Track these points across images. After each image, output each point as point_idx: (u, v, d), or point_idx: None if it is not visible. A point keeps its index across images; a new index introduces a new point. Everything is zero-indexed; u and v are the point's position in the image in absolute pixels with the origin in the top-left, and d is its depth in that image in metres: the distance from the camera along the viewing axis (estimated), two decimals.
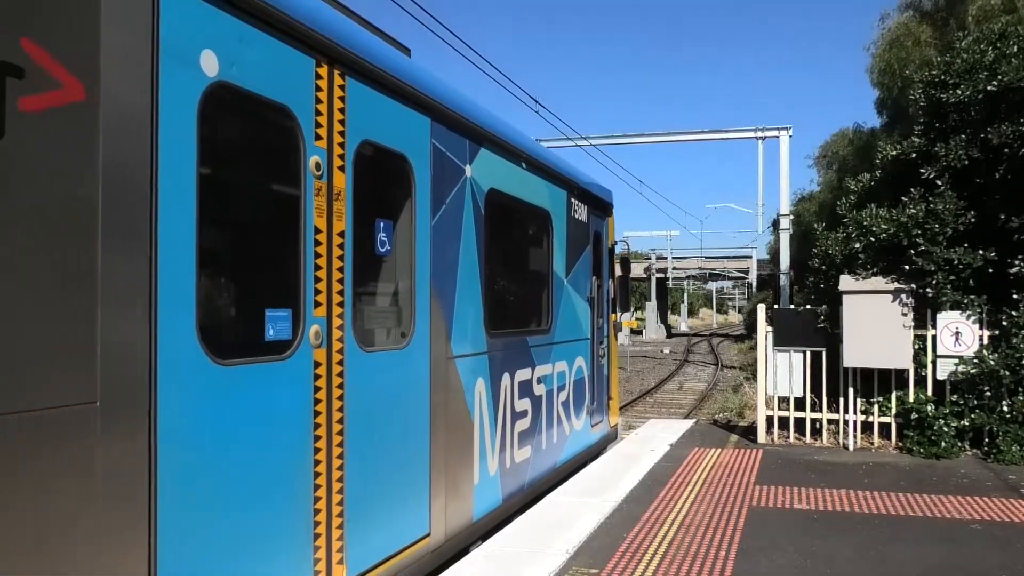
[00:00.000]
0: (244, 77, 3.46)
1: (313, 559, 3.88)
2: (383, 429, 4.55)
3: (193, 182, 3.16)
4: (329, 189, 4.01)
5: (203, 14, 3.22)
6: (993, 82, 9.16)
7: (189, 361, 3.13)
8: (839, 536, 5.93)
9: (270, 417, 3.60)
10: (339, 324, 4.09)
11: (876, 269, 9.36)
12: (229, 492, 3.35)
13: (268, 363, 3.61)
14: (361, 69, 4.31)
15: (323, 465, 3.97)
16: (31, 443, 2.47)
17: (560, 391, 7.81)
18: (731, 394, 18.12)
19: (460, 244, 5.54)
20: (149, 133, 2.96)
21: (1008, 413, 8.63)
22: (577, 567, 5.21)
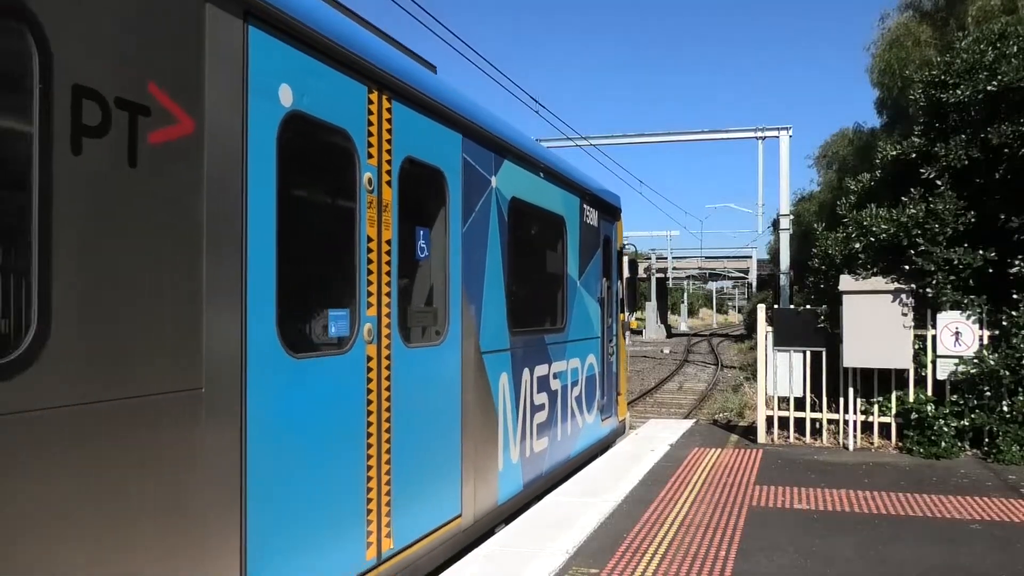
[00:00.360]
0: (312, 105, 3.95)
1: (366, 531, 4.37)
2: (423, 417, 5.02)
3: (273, 199, 3.64)
4: (379, 202, 4.51)
5: (281, 53, 3.71)
6: (993, 82, 9.16)
7: (270, 354, 3.61)
8: (839, 536, 5.93)
9: (332, 404, 4.07)
10: (387, 323, 4.59)
11: (876, 269, 9.36)
12: (301, 467, 3.82)
13: (331, 356, 4.09)
14: (404, 93, 4.82)
15: (374, 448, 4.46)
16: (157, 420, 2.99)
17: (573, 386, 8.28)
18: (731, 394, 18.13)
19: (487, 249, 6.03)
20: (240, 159, 3.44)
21: (1008, 413, 8.63)
22: (577, 567, 5.21)
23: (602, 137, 30.14)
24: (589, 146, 25.74)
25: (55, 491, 2.60)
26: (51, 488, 2.58)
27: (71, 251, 2.66)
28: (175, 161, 3.08)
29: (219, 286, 3.28)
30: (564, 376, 7.92)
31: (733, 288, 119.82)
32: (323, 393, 4.00)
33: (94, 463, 2.74)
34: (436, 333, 5.33)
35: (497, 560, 5.33)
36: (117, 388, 2.83)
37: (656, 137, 31.41)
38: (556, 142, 24.71)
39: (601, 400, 9.47)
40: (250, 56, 3.50)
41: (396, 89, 4.71)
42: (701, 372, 30.91)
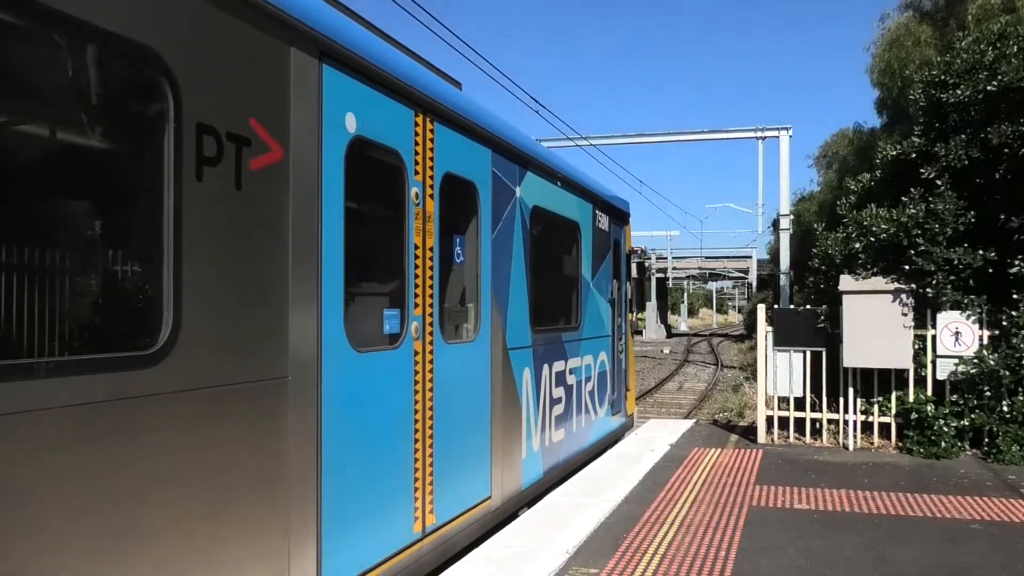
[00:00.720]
0: (371, 130, 4.48)
1: (414, 507, 4.91)
2: (459, 407, 5.57)
3: (341, 214, 4.15)
4: (423, 213, 5.05)
5: (347, 86, 4.24)
6: (993, 82, 9.16)
7: (339, 349, 4.14)
8: (839, 536, 5.93)
9: (386, 392, 4.61)
10: (430, 321, 5.11)
11: (876, 269, 9.36)
12: (362, 446, 4.36)
13: (385, 351, 4.64)
14: (444, 114, 5.34)
15: (420, 433, 4.98)
16: (258, 400, 3.55)
17: (587, 381, 8.79)
18: (731, 394, 18.13)
19: (512, 254, 6.56)
20: (316, 180, 3.95)
21: (1008, 413, 8.63)
22: (577, 567, 5.21)
23: (602, 137, 30.14)
24: (589, 146, 25.75)
25: (193, 453, 3.19)
26: (190, 451, 3.17)
27: (196, 263, 3.18)
28: (269, 184, 3.63)
29: (301, 290, 3.83)
30: (579, 372, 8.46)
31: (733, 288, 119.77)
32: (379, 383, 4.55)
33: (214, 434, 3.29)
34: (469, 331, 5.88)
35: (497, 560, 5.33)
36: (227, 374, 3.36)
37: (656, 137, 31.41)
38: (556, 142, 24.70)
39: (612, 395, 9.93)
40: (324, 90, 4.04)
41: (437, 111, 5.25)
42: (701, 372, 30.91)
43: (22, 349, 2.60)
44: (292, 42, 3.79)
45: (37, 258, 2.75)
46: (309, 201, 3.89)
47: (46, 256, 2.79)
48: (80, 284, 2.97)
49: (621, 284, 10.50)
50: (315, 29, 3.95)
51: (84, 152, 3.05)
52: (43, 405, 2.56)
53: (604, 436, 9.56)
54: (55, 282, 2.80)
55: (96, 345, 2.90)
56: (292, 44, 3.79)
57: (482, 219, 5.95)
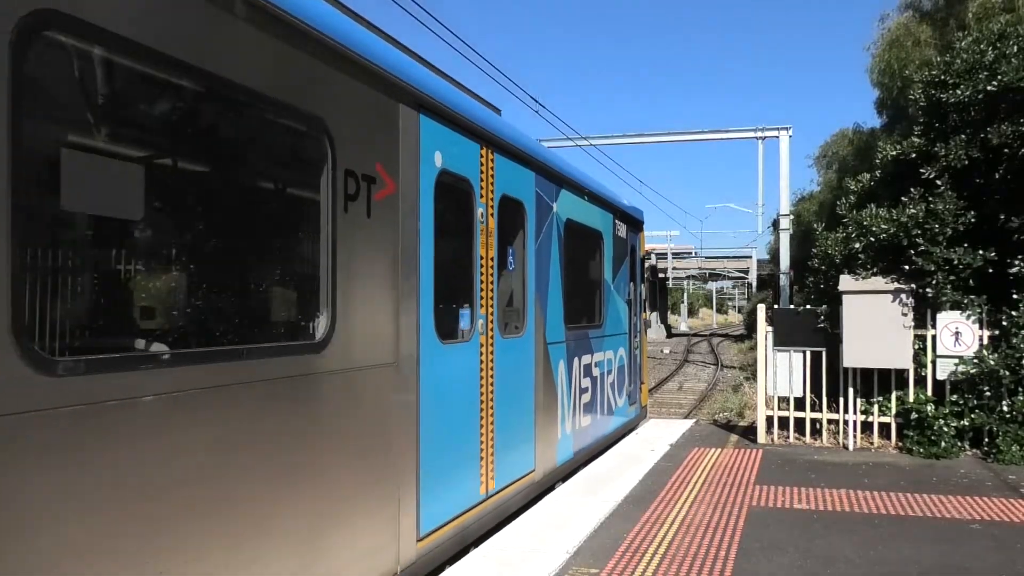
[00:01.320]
0: (452, 164, 5.46)
1: (480, 472, 5.87)
2: (511, 391, 6.50)
3: (432, 232, 5.13)
4: (486, 229, 6.04)
5: (437, 130, 5.24)
6: (993, 82, 9.16)
7: (431, 341, 5.11)
8: (839, 536, 5.93)
9: (461, 376, 5.57)
10: (491, 319, 6.08)
11: (876, 269, 9.36)
12: (447, 418, 5.32)
13: (461, 343, 5.60)
14: (500, 145, 6.32)
15: (484, 411, 5.94)
16: (374, 381, 4.47)
17: (608, 374, 9.70)
18: (731, 394, 18.13)
19: (550, 261, 7.50)
20: (415, 206, 4.94)
21: (1008, 413, 8.63)
22: (577, 567, 5.21)
23: (602, 137, 30.13)
24: (589, 146, 25.74)
25: (345, 415, 4.21)
26: (342, 413, 4.19)
27: (343, 274, 4.15)
28: (386, 212, 4.60)
29: (406, 294, 4.81)
30: (602, 365, 9.40)
31: (733, 288, 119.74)
32: (456, 370, 5.50)
33: (355, 403, 4.32)
34: (517, 328, 6.78)
35: (497, 560, 5.33)
36: (368, 358, 4.41)
37: (656, 137, 31.38)
38: (556, 142, 24.66)
39: (629, 387, 10.87)
40: (421, 135, 5.02)
41: (495, 143, 6.23)
42: (701, 372, 30.90)
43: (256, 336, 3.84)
44: (400, 99, 4.82)
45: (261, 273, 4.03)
46: (411, 223, 4.91)
47: (264, 272, 4.06)
48: (284, 292, 4.20)
49: (636, 286, 11.42)
50: (415, 87, 4.96)
51: (280, 194, 4.21)
52: (268, 376, 3.63)
53: (622, 424, 10.44)
54: (275, 292, 4.13)
55: (292, 335, 4.07)
56: (400, 101, 4.82)
57: (528, 232, 6.93)
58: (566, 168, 8.13)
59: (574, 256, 8.32)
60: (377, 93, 4.56)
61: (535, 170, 7.09)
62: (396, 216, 4.72)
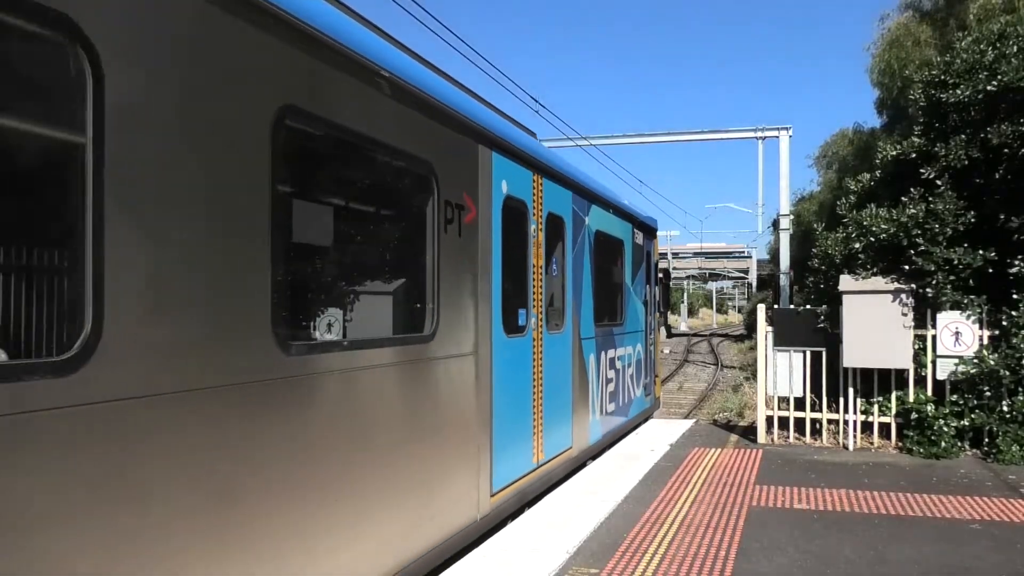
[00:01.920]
0: (513, 189, 6.55)
1: (532, 444, 6.99)
2: (555, 378, 7.58)
3: (500, 247, 6.23)
4: (537, 242, 7.14)
5: (503, 163, 6.34)
6: (993, 82, 9.16)
7: (499, 335, 6.20)
8: (839, 536, 5.93)
9: (520, 364, 6.71)
10: (541, 318, 7.18)
11: (876, 269, 9.35)
12: (510, 398, 6.44)
13: (520, 337, 6.70)
14: (547, 171, 7.41)
15: (535, 393, 7.05)
16: (462, 367, 5.54)
17: (628, 367, 10.82)
18: (731, 394, 18.12)
19: (583, 267, 8.59)
20: (489, 226, 6.04)
21: (1008, 413, 8.63)
22: (577, 567, 5.21)
23: (602, 137, 30.13)
24: (589, 146, 25.74)
25: (444, 393, 5.31)
26: (441, 391, 5.28)
27: (444, 283, 5.26)
28: (470, 231, 5.70)
29: (483, 297, 5.89)
30: (623, 359, 10.52)
31: (733, 288, 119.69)
32: (516, 358, 6.60)
33: (450, 382, 5.39)
34: (558, 325, 7.82)
35: (497, 560, 5.33)
36: (457, 347, 5.47)
37: (656, 137, 31.39)
38: (556, 142, 24.64)
39: (645, 380, 12.02)
40: (493, 168, 6.13)
41: (543, 170, 7.31)
42: (701, 372, 30.90)
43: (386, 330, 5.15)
44: (478, 141, 5.90)
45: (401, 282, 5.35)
46: (487, 240, 5.99)
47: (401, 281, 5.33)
48: (411, 296, 5.26)
49: (651, 287, 12.56)
50: (487, 129, 6.04)
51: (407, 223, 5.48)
52: (403, 359, 4.79)
53: (639, 413, 11.53)
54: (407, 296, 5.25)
55: (416, 328, 5.15)
56: (479, 142, 5.91)
57: (567, 243, 8.01)
58: (595, 186, 9.29)
59: (601, 262, 9.41)
60: (464, 138, 5.70)
61: (572, 189, 8.20)
62: (477, 235, 5.83)
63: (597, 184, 9.42)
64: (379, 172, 5.13)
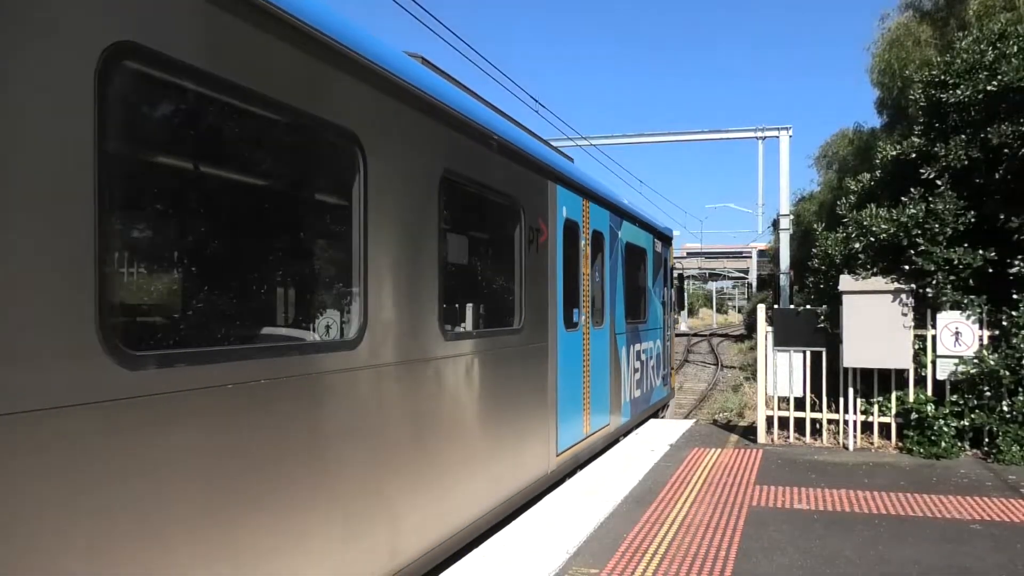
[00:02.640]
0: (570, 213, 8.06)
1: (583, 418, 8.49)
2: (598, 366, 9.08)
3: (561, 260, 7.67)
4: (585, 254, 8.57)
5: (563, 193, 7.82)
6: (993, 82, 9.15)
7: (561, 330, 7.62)
8: (839, 536, 5.93)
9: (574, 354, 8.17)
10: (588, 315, 8.62)
11: (876, 269, 9.35)
12: (568, 380, 7.90)
13: (574, 332, 8.15)
14: (593, 196, 8.96)
15: (584, 377, 8.53)
16: (538, 353, 7.08)
17: (650, 359, 12.35)
18: (731, 394, 18.13)
19: (616, 273, 10.06)
20: (555, 244, 7.51)
21: (1008, 413, 8.62)
22: (577, 567, 5.21)
23: (602, 137, 30.14)
24: (589, 146, 25.74)
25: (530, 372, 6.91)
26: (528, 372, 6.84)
27: (528, 289, 6.75)
28: (544, 249, 7.23)
29: (551, 299, 7.40)
30: (646, 352, 12.04)
31: (733, 288, 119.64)
32: (572, 348, 8.07)
33: (531, 365, 6.91)
34: (599, 322, 9.21)
35: (497, 560, 5.33)
36: (524, 341, 6.76)
37: (656, 137, 31.40)
38: (556, 142, 24.57)
39: (663, 371, 13.60)
40: (557, 198, 7.67)
41: (590, 195, 8.84)
42: (701, 372, 30.90)
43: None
44: (548, 178, 7.45)
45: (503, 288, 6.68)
46: (553, 254, 7.50)
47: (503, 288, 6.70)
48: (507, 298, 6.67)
49: (668, 290, 14.18)
50: (553, 167, 7.57)
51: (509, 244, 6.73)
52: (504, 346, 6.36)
53: (658, 400, 13.14)
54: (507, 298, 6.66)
55: (508, 323, 6.62)
56: (548, 179, 7.45)
57: (605, 253, 9.49)
58: (626, 205, 10.89)
59: (630, 268, 10.88)
60: (540, 177, 7.25)
61: (608, 209, 9.72)
62: (547, 251, 7.34)
63: (626, 202, 11.02)
64: (490, 209, 6.58)
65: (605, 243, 9.43)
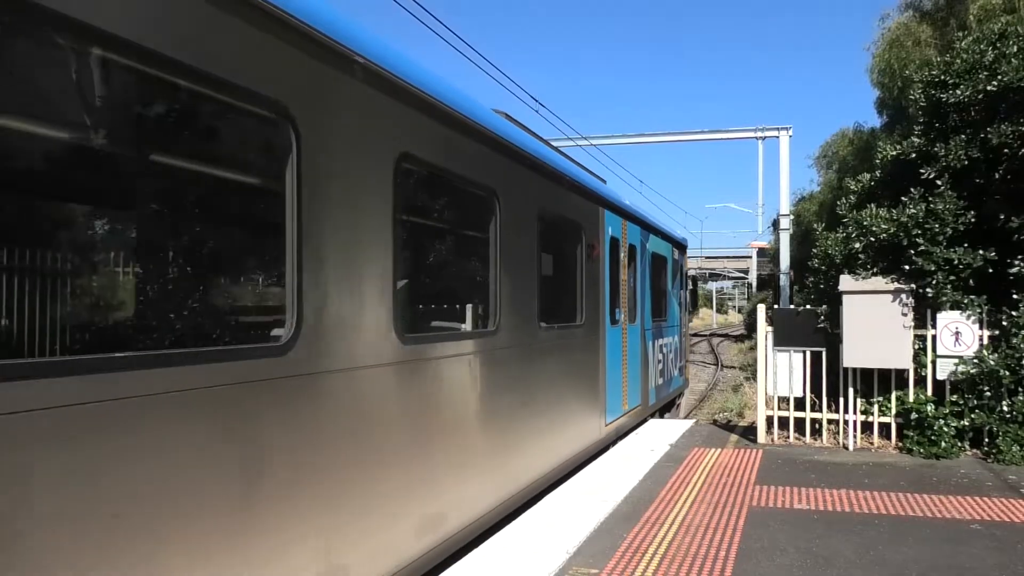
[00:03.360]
0: (613, 232, 9.91)
1: (622, 398, 10.16)
2: (633, 356, 10.86)
3: (608, 270, 9.50)
4: (624, 264, 10.33)
5: (609, 216, 9.73)
6: (993, 82, 9.15)
7: (607, 325, 9.47)
8: (839, 536, 5.93)
9: (616, 344, 9.84)
10: (625, 314, 10.29)
11: (876, 269, 9.34)
12: (612, 366, 9.68)
13: (616, 327, 9.86)
14: (630, 216, 10.89)
15: (623, 364, 10.23)
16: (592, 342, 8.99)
17: (670, 353, 14.19)
18: (731, 394, 18.13)
19: (646, 278, 11.92)
20: (604, 257, 9.42)
21: (1008, 413, 8.62)
22: (577, 567, 5.21)
23: (602, 137, 30.13)
24: (589, 146, 25.72)
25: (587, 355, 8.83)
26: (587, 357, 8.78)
27: (587, 292, 8.70)
28: (596, 260, 9.01)
29: (602, 300, 9.21)
30: (667, 347, 13.84)
31: (733, 288, 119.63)
32: (615, 340, 9.83)
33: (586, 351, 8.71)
34: (632, 319, 10.97)
35: (497, 560, 5.33)
36: (583, 334, 8.60)
37: (656, 137, 31.38)
38: (556, 142, 24.54)
39: (680, 363, 15.47)
40: (605, 220, 9.48)
41: (628, 216, 10.83)
42: (701, 372, 30.89)
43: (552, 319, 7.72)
44: (599, 204, 9.26)
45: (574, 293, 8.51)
46: (602, 265, 9.26)
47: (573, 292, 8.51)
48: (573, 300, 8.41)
49: (684, 291, 16.22)
50: (602, 196, 9.39)
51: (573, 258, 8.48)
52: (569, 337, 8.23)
53: (675, 388, 15.03)
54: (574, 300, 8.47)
55: (574, 319, 8.40)
56: (599, 205, 9.26)
57: (636, 262, 11.31)
58: (653, 221, 12.92)
59: (654, 274, 12.78)
60: (593, 204, 9.07)
61: (640, 225, 11.62)
62: (598, 262, 9.11)
63: (653, 218, 13.11)
64: (565, 233, 8.35)
65: (637, 254, 11.37)
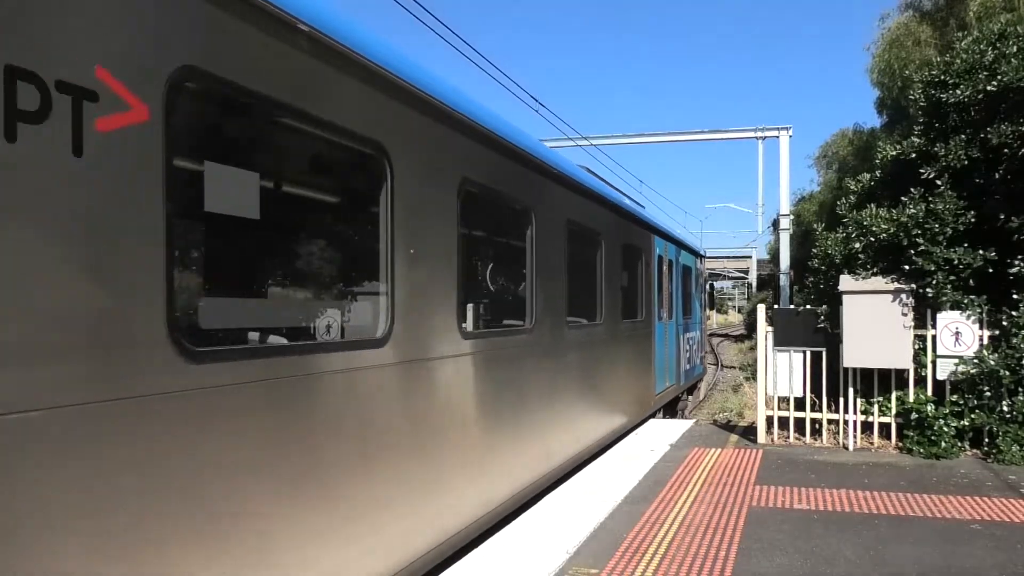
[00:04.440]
0: (659, 250, 13.33)
1: (664, 378, 13.77)
2: (671, 346, 14.35)
3: (656, 278, 13.05)
4: (663, 274, 13.65)
5: (657, 239, 13.22)
6: (993, 82, 9.15)
7: (658, 322, 13.18)
8: (839, 536, 5.93)
9: (660, 336, 13.36)
10: (666, 312, 13.83)
11: (876, 269, 9.34)
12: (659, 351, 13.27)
13: (661, 323, 13.44)
14: (667, 237, 14.07)
15: (665, 352, 13.75)
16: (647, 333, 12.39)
17: (693, 345, 17.30)
18: (731, 394, 18.14)
19: (677, 284, 14.69)
20: (653, 267, 12.80)
21: (1008, 413, 8.62)
22: (577, 567, 5.21)
23: (602, 137, 30.11)
24: (589, 146, 25.72)
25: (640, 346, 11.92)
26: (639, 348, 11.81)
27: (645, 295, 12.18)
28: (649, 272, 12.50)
29: (655, 301, 12.86)
30: (691, 339, 16.97)
31: (733, 288, 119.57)
32: (661, 333, 13.31)
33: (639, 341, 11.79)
34: (669, 317, 13.83)
35: (496, 560, 5.33)
36: (643, 327, 12.03)
37: (656, 137, 31.36)
38: (556, 142, 24.56)
39: (700, 354, 18.87)
40: (655, 243, 12.90)
41: (666, 236, 13.86)
42: None
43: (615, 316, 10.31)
44: (651, 231, 12.57)
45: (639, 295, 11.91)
46: (653, 276, 12.54)
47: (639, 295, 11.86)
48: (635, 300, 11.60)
49: (703, 293, 19.70)
50: (655, 226, 12.90)
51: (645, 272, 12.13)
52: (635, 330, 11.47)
53: (697, 375, 18.45)
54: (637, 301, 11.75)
55: (636, 315, 11.58)
56: (651, 232, 12.59)
57: (672, 272, 14.23)
58: (683, 237, 16.00)
59: (683, 280, 15.68)
60: (648, 232, 11.98)
61: (674, 243, 14.62)
62: (652, 274, 12.08)
63: (683, 234, 16.76)
64: (636, 255, 11.24)
65: (673, 266, 14.41)
